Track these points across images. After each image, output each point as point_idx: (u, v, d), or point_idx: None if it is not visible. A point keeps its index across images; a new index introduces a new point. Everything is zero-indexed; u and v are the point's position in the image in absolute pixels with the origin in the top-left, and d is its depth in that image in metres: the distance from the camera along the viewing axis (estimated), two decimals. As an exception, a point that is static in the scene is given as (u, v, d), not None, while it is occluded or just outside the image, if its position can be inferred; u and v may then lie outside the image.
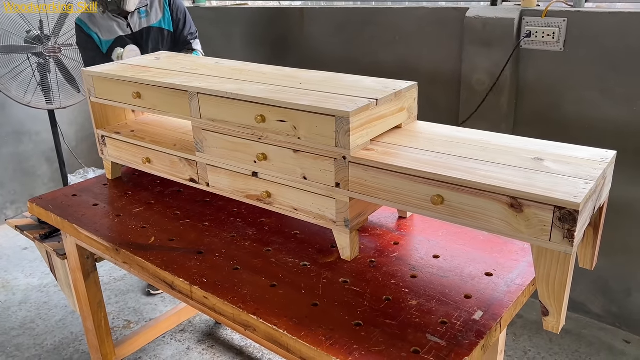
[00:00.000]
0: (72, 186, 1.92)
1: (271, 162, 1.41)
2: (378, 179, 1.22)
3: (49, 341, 2.51)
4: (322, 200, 1.35)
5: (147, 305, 2.75)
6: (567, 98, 2.28)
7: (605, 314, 2.46)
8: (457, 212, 1.13)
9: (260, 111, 1.36)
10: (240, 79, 1.54)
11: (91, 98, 1.83)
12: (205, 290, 1.28)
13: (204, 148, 1.55)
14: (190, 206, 1.71)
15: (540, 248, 1.06)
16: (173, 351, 2.41)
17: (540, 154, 1.21)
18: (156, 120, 1.94)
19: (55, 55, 2.88)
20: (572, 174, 1.10)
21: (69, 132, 3.91)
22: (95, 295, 1.92)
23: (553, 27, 2.20)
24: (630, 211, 2.24)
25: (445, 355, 1.03)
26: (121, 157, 1.85)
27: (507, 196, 1.05)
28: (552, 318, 1.12)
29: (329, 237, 1.45)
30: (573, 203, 0.98)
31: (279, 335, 1.13)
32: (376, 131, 1.33)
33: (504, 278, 1.27)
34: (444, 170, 1.14)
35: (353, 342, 1.08)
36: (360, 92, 1.35)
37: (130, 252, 1.46)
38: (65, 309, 2.74)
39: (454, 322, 1.12)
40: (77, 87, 3.00)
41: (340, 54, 2.93)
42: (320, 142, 1.28)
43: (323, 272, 1.33)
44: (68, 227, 1.67)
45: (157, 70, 1.71)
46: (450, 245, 1.42)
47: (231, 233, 1.53)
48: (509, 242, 1.41)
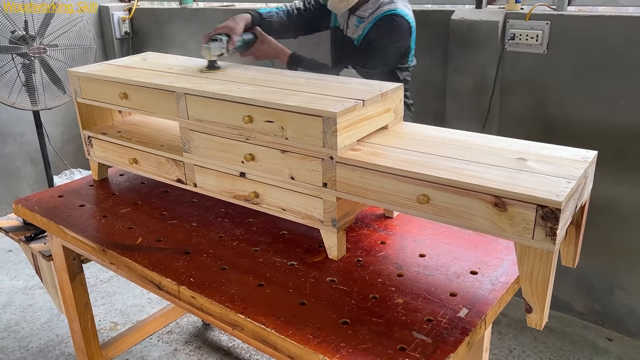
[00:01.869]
0: (58, 187, 1.91)
1: (259, 163, 1.42)
2: (365, 178, 1.24)
3: (34, 344, 2.49)
4: (309, 200, 1.36)
5: (134, 307, 2.73)
6: (550, 99, 2.31)
7: (588, 312, 2.50)
8: (443, 211, 1.15)
9: (248, 112, 1.37)
10: (227, 80, 1.55)
11: (77, 99, 1.82)
12: (193, 290, 1.28)
13: (191, 148, 1.55)
14: (177, 207, 1.71)
15: (524, 246, 1.08)
16: (160, 353, 2.40)
17: (524, 154, 1.23)
18: (143, 120, 1.94)
19: (40, 56, 2.86)
20: (554, 173, 1.12)
21: (54, 133, 3.87)
22: (82, 296, 1.91)
23: (536, 29, 2.24)
24: (612, 210, 2.28)
25: (431, 352, 1.05)
26: (107, 157, 1.84)
27: (491, 195, 1.07)
28: (535, 315, 1.14)
29: (316, 236, 1.46)
30: (555, 202, 1.00)
31: (266, 334, 1.14)
32: (363, 132, 1.34)
33: (489, 276, 1.29)
34: (429, 170, 1.16)
35: (340, 340, 1.09)
36: (347, 93, 1.36)
37: (117, 253, 1.46)
38: (51, 311, 2.71)
39: (440, 320, 1.14)
40: (63, 88, 2.98)
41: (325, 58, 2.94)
42: (308, 143, 1.29)
43: (310, 271, 1.34)
44: (54, 228, 1.66)
45: (144, 71, 1.71)
46: (436, 244, 1.44)
47: (219, 233, 1.54)
48: (494, 240, 1.43)
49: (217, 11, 3.41)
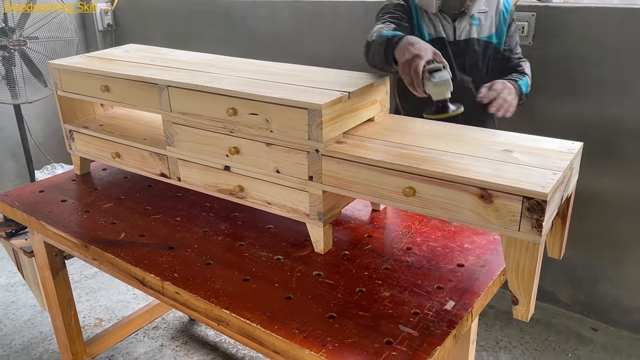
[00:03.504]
0: (39, 182, 1.87)
1: (243, 156, 1.40)
2: (351, 171, 1.23)
3: (17, 341, 2.45)
4: (295, 193, 1.34)
5: (119, 302, 2.70)
6: (535, 91, 2.31)
7: (573, 303, 2.52)
8: (429, 204, 1.14)
9: (232, 104, 1.35)
10: (211, 72, 1.52)
11: (58, 92, 1.78)
12: (177, 285, 1.26)
13: (174, 142, 1.53)
14: (161, 201, 1.68)
15: (510, 238, 1.07)
16: (146, 348, 2.38)
17: (509, 145, 1.22)
18: (125, 114, 1.91)
19: (21, 49, 2.80)
20: (540, 165, 1.12)
21: (36, 127, 3.80)
22: (65, 293, 1.88)
23: (522, 21, 2.24)
24: (597, 202, 2.30)
25: (418, 345, 1.04)
26: (90, 152, 1.81)
27: (477, 187, 1.06)
28: (521, 307, 1.14)
29: (302, 230, 1.44)
30: (541, 193, 1.00)
31: (252, 329, 1.13)
32: (349, 124, 1.33)
33: (475, 268, 1.29)
34: (415, 162, 1.15)
35: (326, 334, 1.08)
36: (332, 84, 1.34)
37: (100, 249, 1.43)
38: (34, 308, 2.67)
39: (426, 313, 1.14)
40: (44, 81, 2.92)
41: (312, 48, 2.92)
42: (293, 135, 1.28)
43: (297, 265, 1.33)
44: (35, 224, 1.63)
45: (126, 63, 1.68)
46: (423, 237, 1.43)
47: (203, 228, 1.52)
48: (480, 233, 1.43)
49: (202, 2, 3.36)
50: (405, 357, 1.01)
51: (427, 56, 1.29)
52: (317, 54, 2.90)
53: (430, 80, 1.26)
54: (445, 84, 1.25)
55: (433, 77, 1.25)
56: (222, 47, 3.26)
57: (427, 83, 1.26)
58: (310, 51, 2.93)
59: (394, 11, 1.83)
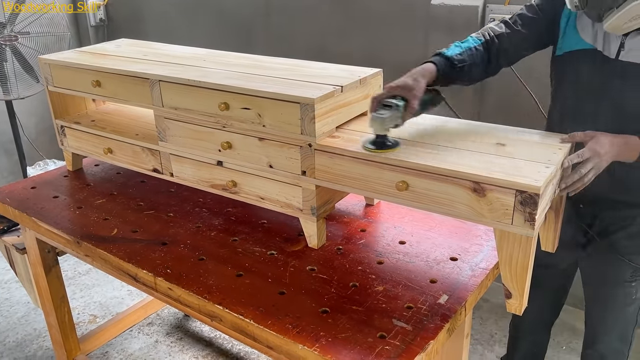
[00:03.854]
0: (31, 178, 1.86)
1: (236, 151, 1.39)
2: (344, 166, 1.22)
3: (11, 338, 2.44)
4: (288, 188, 1.34)
5: (114, 299, 2.69)
6: (529, 85, 2.31)
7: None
8: (422, 198, 1.14)
9: (224, 99, 1.34)
10: (203, 67, 1.51)
11: (49, 87, 1.77)
12: (170, 281, 1.26)
13: (167, 137, 1.52)
14: (154, 197, 1.67)
15: (503, 231, 1.07)
16: (141, 345, 2.38)
17: (503, 139, 1.22)
18: (117, 109, 1.89)
19: (12, 44, 2.78)
20: (532, 158, 1.12)
21: (28, 123, 3.78)
22: (58, 289, 1.87)
23: (516, 15, 2.23)
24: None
25: (411, 339, 1.04)
26: (81, 147, 1.80)
27: (470, 181, 1.06)
28: (514, 300, 1.14)
29: (296, 225, 1.44)
30: (534, 187, 1.00)
31: (245, 324, 1.12)
32: (342, 118, 1.32)
33: (469, 262, 1.29)
34: (408, 156, 1.15)
35: (320, 329, 1.07)
36: (325, 79, 1.34)
37: (92, 245, 1.42)
38: (27, 305, 2.66)
39: (420, 307, 1.14)
40: (36, 76, 2.90)
41: (306, 42, 2.91)
42: (286, 130, 1.27)
43: (290, 260, 1.32)
44: (27, 221, 1.62)
45: (118, 58, 1.67)
46: (416, 231, 1.43)
47: (196, 223, 1.51)
48: (474, 227, 1.43)
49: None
50: (398, 351, 1.01)
51: (393, 89, 1.24)
52: (311, 49, 2.89)
53: (371, 112, 1.23)
54: (379, 121, 1.19)
55: (377, 111, 1.21)
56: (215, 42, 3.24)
57: (371, 114, 1.23)
58: (303, 46, 2.92)
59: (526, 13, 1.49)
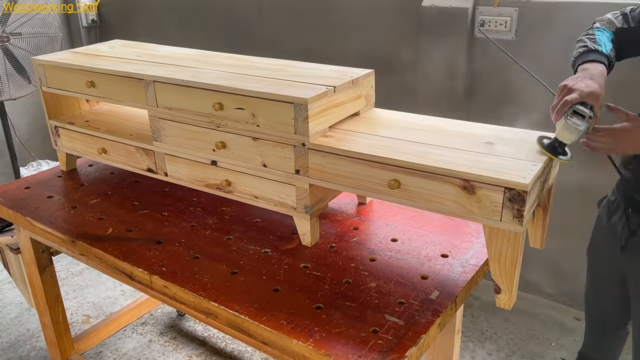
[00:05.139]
0: (24, 178, 1.86)
1: (230, 150, 1.41)
2: (337, 165, 1.24)
3: (5, 338, 2.44)
4: (282, 187, 1.35)
5: (107, 299, 2.70)
6: (518, 85, 2.35)
7: (556, 294, 2.57)
8: (413, 196, 1.16)
9: (218, 99, 1.35)
10: (197, 67, 1.53)
11: (42, 88, 1.77)
12: (165, 279, 1.27)
13: (161, 137, 1.53)
14: (148, 196, 1.69)
15: (492, 228, 1.10)
16: (134, 344, 2.38)
17: (491, 138, 1.25)
18: (111, 109, 1.90)
19: (4, 45, 2.77)
20: (521, 156, 1.14)
21: (20, 124, 3.77)
22: (52, 289, 1.88)
23: (505, 16, 2.26)
24: (579, 193, 2.34)
25: (403, 334, 1.06)
26: (75, 148, 1.81)
27: (460, 179, 1.09)
28: (504, 295, 1.17)
29: (289, 224, 1.46)
30: (522, 184, 1.03)
31: (240, 320, 1.14)
32: (334, 118, 1.34)
33: (459, 259, 1.31)
34: (399, 155, 1.17)
35: (314, 325, 1.09)
36: (318, 79, 1.36)
37: (87, 244, 1.43)
38: (21, 305, 2.66)
39: (412, 302, 1.16)
40: (28, 77, 2.89)
41: (297, 44, 2.93)
42: (279, 129, 1.29)
43: (284, 258, 1.34)
44: (21, 220, 1.63)
45: (111, 58, 1.68)
46: (408, 229, 1.46)
47: (191, 222, 1.52)
48: (464, 224, 1.45)
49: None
50: (391, 345, 1.03)
51: (586, 97, 1.17)
52: (303, 49, 2.91)
53: (566, 119, 1.17)
54: (573, 132, 1.15)
55: (570, 118, 1.16)
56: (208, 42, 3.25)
57: (562, 119, 1.18)
58: (297, 46, 2.94)
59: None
